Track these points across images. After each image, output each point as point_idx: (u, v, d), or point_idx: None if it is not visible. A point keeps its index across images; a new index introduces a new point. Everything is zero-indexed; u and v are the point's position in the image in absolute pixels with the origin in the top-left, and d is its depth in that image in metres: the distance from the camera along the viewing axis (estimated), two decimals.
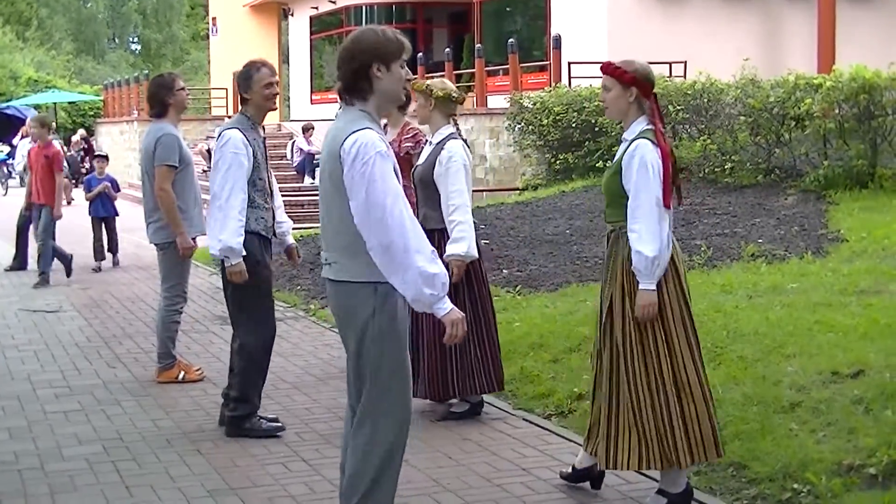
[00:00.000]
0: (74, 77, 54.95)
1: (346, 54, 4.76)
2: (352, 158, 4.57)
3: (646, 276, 5.37)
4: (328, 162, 4.72)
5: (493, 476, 6.23)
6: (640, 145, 5.42)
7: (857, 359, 7.05)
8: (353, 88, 4.76)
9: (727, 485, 5.94)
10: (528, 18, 27.64)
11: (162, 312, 8.62)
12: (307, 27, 37.40)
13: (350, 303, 4.75)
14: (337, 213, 4.71)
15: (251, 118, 7.20)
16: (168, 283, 8.66)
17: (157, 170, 8.34)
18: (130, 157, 33.34)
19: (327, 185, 4.74)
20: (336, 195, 4.68)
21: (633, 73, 5.52)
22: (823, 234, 11.72)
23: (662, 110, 16.61)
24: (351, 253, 4.69)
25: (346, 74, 4.75)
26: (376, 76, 4.71)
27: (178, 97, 8.56)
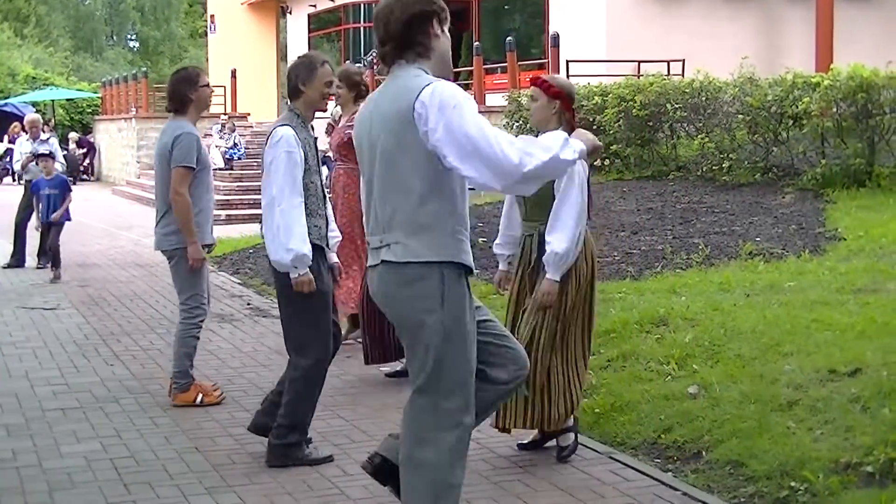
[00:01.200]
0: (72, 74, 54.85)
1: (396, 4, 4.29)
2: (437, 106, 4.12)
3: (555, 270, 6.06)
4: (389, 122, 4.24)
5: (491, 475, 6.23)
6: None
7: (855, 357, 7.06)
8: (409, 44, 4.29)
9: (724, 483, 5.95)
10: (526, 16, 27.65)
11: (180, 327, 7.88)
12: (305, 25, 37.39)
13: (412, 293, 4.29)
14: (401, 184, 4.25)
15: (301, 115, 6.48)
16: (185, 294, 7.84)
17: (173, 172, 7.61)
18: (128, 154, 33.34)
19: (389, 150, 4.27)
20: (403, 159, 4.23)
21: (558, 87, 6.21)
22: (821, 233, 11.73)
23: (661, 108, 16.62)
24: (420, 227, 4.26)
25: (403, 26, 4.27)
26: (436, 34, 4.33)
27: (201, 94, 7.79)
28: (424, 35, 4.30)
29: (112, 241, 19.02)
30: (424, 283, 4.26)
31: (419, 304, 4.28)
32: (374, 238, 4.40)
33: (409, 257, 4.26)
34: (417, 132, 4.18)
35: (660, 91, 16.61)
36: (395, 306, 4.38)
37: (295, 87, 6.46)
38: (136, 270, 15.07)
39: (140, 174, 31.17)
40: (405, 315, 4.34)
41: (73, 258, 16.12)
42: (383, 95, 4.36)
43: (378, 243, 4.37)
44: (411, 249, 4.26)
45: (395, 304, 4.36)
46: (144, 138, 31.56)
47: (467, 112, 4.12)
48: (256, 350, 9.66)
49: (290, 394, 6.44)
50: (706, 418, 6.66)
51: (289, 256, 6.13)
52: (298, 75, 6.44)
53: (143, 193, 27.78)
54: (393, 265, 4.30)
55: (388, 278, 4.33)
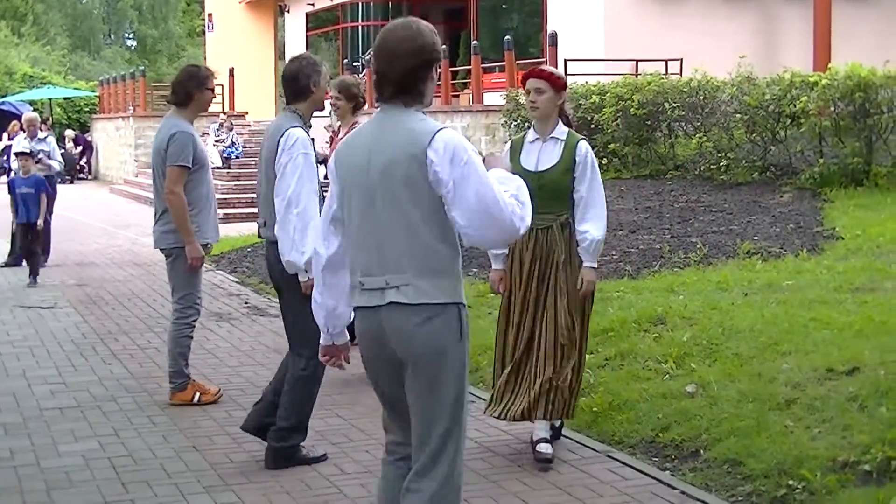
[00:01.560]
0: (70, 73, 54.82)
1: (403, 48, 4.23)
2: (449, 159, 4.07)
3: (594, 256, 6.32)
4: (399, 166, 4.13)
5: (489, 473, 6.24)
6: (589, 148, 6.40)
7: (852, 356, 7.07)
8: (410, 90, 4.24)
9: (722, 481, 5.96)
10: (524, 15, 27.64)
11: (173, 326, 7.86)
12: (303, 24, 37.36)
13: (432, 328, 4.15)
14: (410, 226, 4.15)
15: (303, 117, 6.45)
16: (179, 293, 7.85)
17: (168, 170, 7.57)
18: (126, 153, 33.31)
19: (397, 192, 4.15)
20: (413, 206, 4.14)
21: (564, 80, 6.37)
22: (819, 232, 11.73)
23: (659, 107, 16.58)
24: (428, 271, 4.17)
25: (408, 72, 4.22)
26: (432, 79, 4.30)
27: (205, 95, 7.76)
28: (424, 82, 4.26)
29: (110, 239, 19.02)
30: (443, 318, 4.17)
31: (441, 336, 4.17)
32: (376, 279, 4.21)
33: (422, 299, 4.15)
34: (428, 178, 4.11)
35: (658, 90, 16.60)
36: (414, 340, 4.17)
37: (305, 87, 6.40)
38: (133, 269, 15.07)
39: (138, 173, 31.15)
40: (426, 345, 4.16)
41: (70, 257, 16.14)
42: (385, 133, 4.23)
43: (383, 284, 4.19)
44: (424, 291, 4.15)
45: (415, 338, 4.16)
46: (142, 137, 31.53)
47: (478, 168, 4.10)
48: (254, 349, 9.66)
49: (294, 394, 6.40)
50: (704, 417, 6.66)
51: (303, 259, 6.06)
52: (310, 76, 6.39)
53: (141, 192, 27.76)
54: (405, 306, 4.15)
55: (400, 317, 4.16)
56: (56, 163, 15.74)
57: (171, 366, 7.89)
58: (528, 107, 6.48)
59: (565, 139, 6.36)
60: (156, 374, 8.73)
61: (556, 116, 6.40)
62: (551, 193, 6.26)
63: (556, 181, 6.31)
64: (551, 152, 6.37)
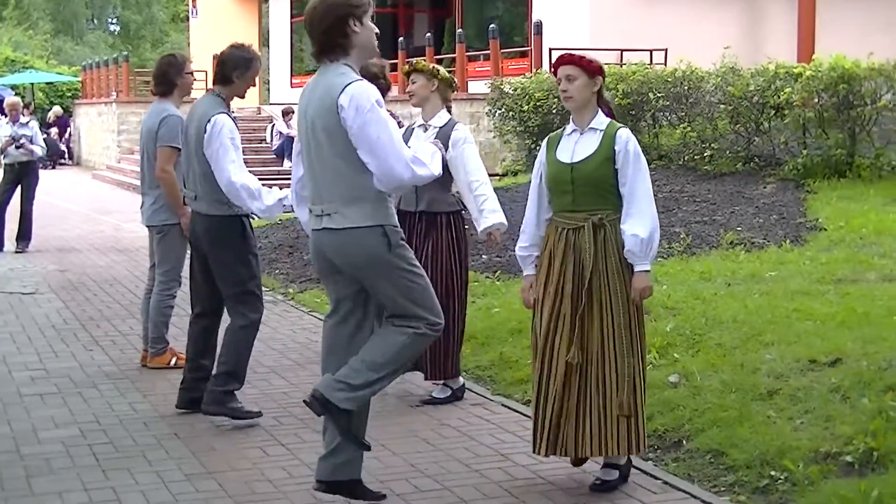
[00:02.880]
0: (52, 58, 54.51)
1: (317, 14, 4.98)
2: (353, 111, 4.89)
3: (645, 258, 5.58)
4: (321, 116, 4.96)
5: (472, 461, 6.23)
6: (631, 136, 5.67)
7: (835, 347, 7.07)
8: (331, 46, 5.00)
9: (705, 472, 5.96)
10: (509, 4, 27.59)
11: (156, 296, 8.52)
12: (288, 10, 37.21)
13: (359, 247, 5.00)
14: (332, 164, 4.99)
15: (226, 100, 7.15)
16: (164, 266, 8.51)
17: (159, 151, 8.20)
18: (108, 139, 33.15)
19: (321, 137, 4.99)
20: (332, 147, 4.97)
21: (598, 64, 5.73)
22: (802, 223, 11.76)
23: (643, 97, 16.49)
24: (352, 199, 4.99)
25: (322, 34, 4.98)
26: (353, 31, 4.99)
27: (186, 80, 8.45)
28: (343, 36, 4.99)
29: (92, 225, 18.92)
30: (368, 237, 5.01)
31: (368, 249, 5.01)
32: (316, 206, 5.12)
33: (347, 224, 5.00)
34: (341, 124, 4.92)
35: (642, 80, 16.59)
36: (347, 254, 5.05)
37: (228, 77, 7.07)
38: (115, 255, 15.01)
39: (120, 159, 31.01)
40: (360, 255, 5.02)
41: (52, 242, 16.07)
42: (315, 89, 5.05)
43: (319, 211, 5.08)
44: (349, 218, 5.00)
45: (347, 254, 5.04)
46: (125, 123, 31.40)
47: (379, 115, 4.91)
48: None
49: (235, 343, 6.98)
50: (687, 407, 6.66)
51: (273, 211, 6.88)
52: (236, 68, 7.07)
53: (124, 178, 27.66)
54: (334, 231, 5.03)
55: (334, 239, 5.05)
56: (38, 148, 15.66)
57: (152, 332, 8.51)
58: (561, 97, 5.73)
59: (605, 129, 5.65)
60: (138, 360, 8.69)
61: (595, 105, 5.71)
62: (586, 187, 5.59)
63: (592, 173, 5.58)
64: (588, 143, 5.66)
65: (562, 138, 5.79)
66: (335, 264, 5.15)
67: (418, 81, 7.34)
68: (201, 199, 7.05)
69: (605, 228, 5.58)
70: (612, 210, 5.61)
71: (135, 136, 30.52)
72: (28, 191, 15.41)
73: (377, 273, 5.07)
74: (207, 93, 7.28)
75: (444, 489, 5.81)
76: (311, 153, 5.10)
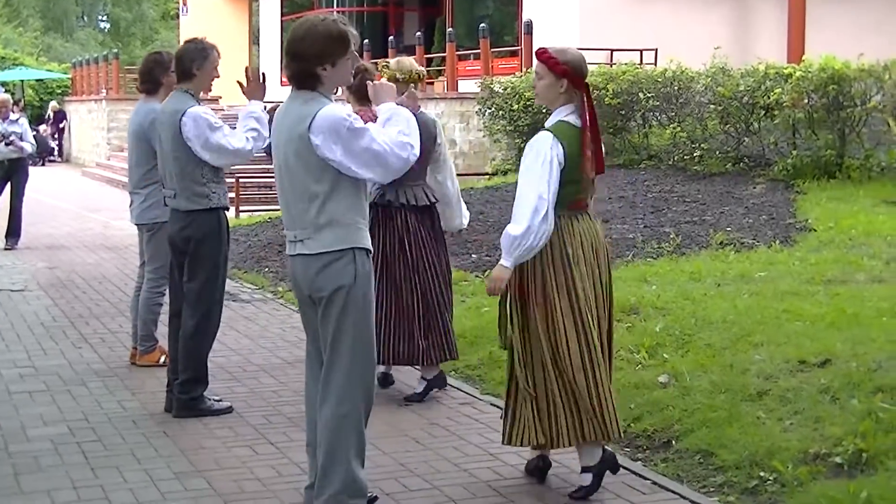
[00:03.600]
0: (42, 54, 54.43)
1: (292, 52, 5.05)
2: (331, 135, 4.90)
3: (506, 254, 5.46)
4: (292, 143, 5.00)
5: (461, 461, 6.23)
6: (533, 141, 5.59)
7: (824, 348, 7.08)
8: (302, 81, 5.06)
9: (694, 472, 5.96)
10: (499, 3, 27.59)
11: (145, 294, 8.52)
12: (278, 8, 37.18)
13: (330, 272, 5.01)
14: (305, 190, 5.01)
15: (195, 97, 7.27)
16: (154, 264, 8.49)
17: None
18: (98, 136, 33.09)
19: (293, 164, 5.03)
20: (305, 173, 5.00)
21: (564, 64, 5.59)
22: (791, 224, 11.77)
23: (633, 97, 16.43)
24: (322, 225, 5.00)
25: (295, 70, 5.05)
26: (322, 74, 5.02)
27: (172, 78, 8.17)
28: (313, 78, 5.04)
29: (81, 223, 18.88)
30: (340, 262, 5.02)
31: (338, 277, 5.01)
32: (290, 232, 5.14)
33: (319, 249, 5.02)
34: (313, 151, 4.93)
35: (632, 80, 16.60)
36: (315, 283, 5.05)
37: (188, 70, 7.17)
38: (105, 253, 14.97)
39: (110, 156, 30.96)
40: (324, 286, 5.03)
41: (41, 240, 16.03)
42: (286, 116, 5.11)
43: (293, 237, 5.11)
44: (321, 242, 5.01)
45: (316, 281, 5.04)
46: (115, 120, 31.33)
47: (359, 130, 4.93)
48: (224, 334, 9.55)
49: (190, 351, 7.13)
50: (676, 407, 6.66)
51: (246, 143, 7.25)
52: (194, 59, 7.17)
53: (114, 175, 27.60)
54: (308, 256, 5.05)
55: (305, 265, 5.07)
56: (28, 145, 15.61)
57: (141, 329, 8.51)
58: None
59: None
60: (127, 358, 8.68)
61: (560, 105, 5.63)
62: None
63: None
64: None
65: None
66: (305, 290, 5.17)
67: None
68: (179, 196, 7.12)
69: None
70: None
71: (124, 134, 30.22)
72: (17, 188, 15.36)
73: (339, 301, 5.04)
74: (174, 91, 7.35)
75: (433, 488, 5.81)
76: (283, 180, 5.13)
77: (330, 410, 5.10)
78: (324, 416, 5.12)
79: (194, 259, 7.10)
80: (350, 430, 5.10)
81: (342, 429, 5.08)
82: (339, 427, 5.08)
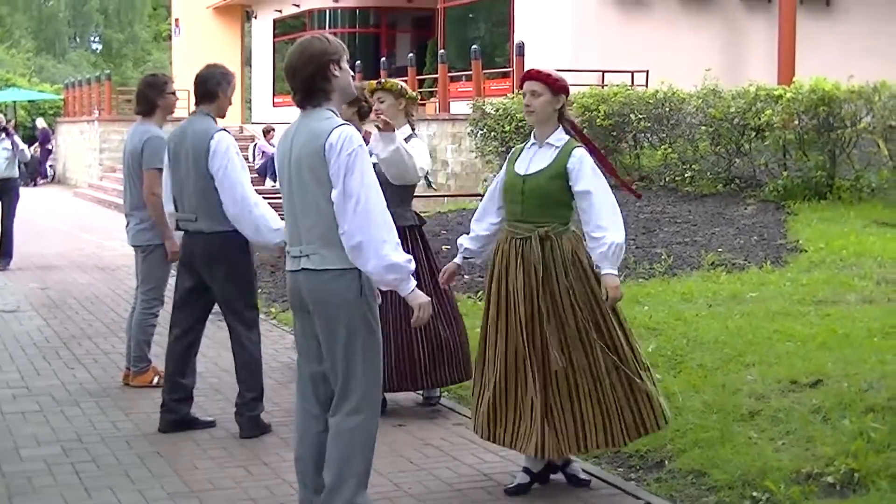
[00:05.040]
0: (35, 76, 54.45)
1: (298, 62, 5.10)
2: (337, 151, 4.93)
3: (613, 263, 5.77)
4: (307, 158, 5.00)
5: (455, 481, 6.24)
6: (585, 154, 5.84)
7: (816, 368, 7.12)
8: (314, 91, 5.10)
9: (686, 492, 5.98)
10: (491, 25, 27.69)
11: (139, 315, 8.53)
12: (270, 30, 37.31)
13: (334, 289, 5.02)
14: (316, 206, 5.01)
15: (214, 119, 7.22)
16: (147, 285, 8.53)
17: (146, 174, 8.18)
18: (90, 157, 33.10)
19: (306, 178, 5.02)
20: (317, 188, 4.99)
21: (561, 82, 5.87)
22: (782, 244, 11.82)
23: (625, 118, 16.49)
24: (331, 242, 4.99)
25: (305, 80, 5.08)
26: (334, 75, 5.10)
27: (168, 100, 8.47)
28: (325, 81, 5.09)
29: (73, 243, 18.86)
30: (344, 279, 5.03)
31: (341, 293, 5.03)
32: (294, 248, 5.15)
33: (325, 265, 5.03)
34: (328, 167, 4.96)
35: (624, 101, 16.67)
36: (320, 297, 5.06)
37: (213, 91, 7.14)
38: (97, 273, 14.97)
39: (102, 177, 30.96)
40: (329, 301, 5.04)
41: (33, 260, 16.02)
42: (298, 133, 5.11)
43: (297, 252, 5.11)
44: (327, 259, 5.03)
45: (321, 295, 5.05)
46: (107, 141, 31.36)
47: (358, 162, 4.94)
48: (219, 354, 9.59)
49: (251, 365, 7.16)
50: (669, 428, 6.65)
51: (279, 235, 6.66)
52: (220, 83, 7.16)
53: (106, 196, 27.60)
54: (313, 272, 5.06)
55: (311, 280, 5.07)
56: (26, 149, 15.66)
57: (134, 350, 8.53)
58: (524, 111, 5.99)
59: (561, 146, 5.84)
60: (120, 378, 8.68)
61: (556, 122, 5.91)
62: (535, 199, 5.80)
63: (541, 186, 5.80)
64: (543, 157, 5.87)
65: (523, 150, 6.05)
66: (307, 305, 5.16)
67: (387, 101, 7.57)
68: (202, 219, 7.02)
69: (551, 240, 5.79)
70: (559, 223, 5.83)
71: (116, 155, 30.45)
72: (9, 208, 15.36)
73: (343, 317, 5.04)
74: (196, 112, 7.23)
75: None
76: (293, 196, 5.12)
77: (342, 424, 5.09)
78: (334, 429, 5.11)
79: (221, 281, 7.10)
80: (361, 444, 5.11)
81: (357, 443, 5.09)
82: (355, 442, 5.09)
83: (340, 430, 5.07)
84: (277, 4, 35.90)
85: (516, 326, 5.81)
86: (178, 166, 7.14)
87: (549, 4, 23.76)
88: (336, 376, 5.11)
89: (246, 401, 7.15)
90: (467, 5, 27.66)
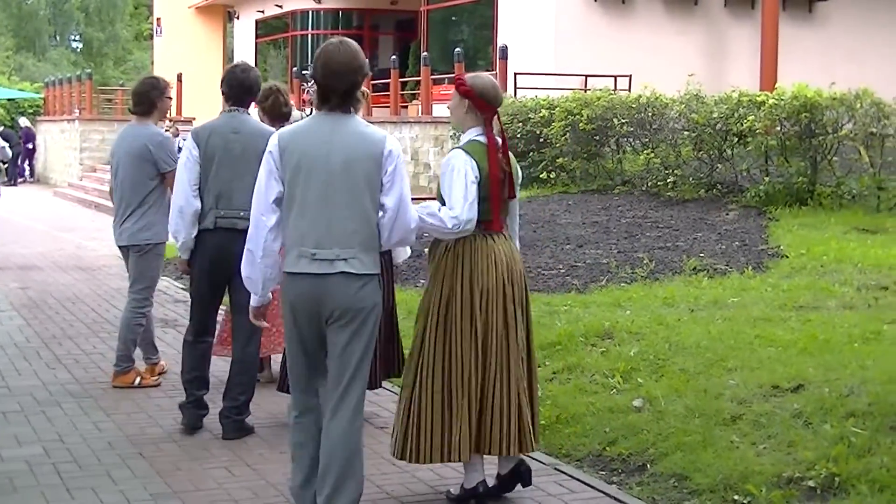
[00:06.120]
0: (14, 74, 54.24)
1: (350, 67, 5.13)
2: (395, 159, 5.14)
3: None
4: (363, 162, 5.09)
5: (437, 483, 6.25)
6: (454, 154, 5.78)
7: (797, 373, 7.15)
8: (352, 100, 5.19)
9: (668, 496, 6.00)
10: (474, 28, 27.73)
11: (128, 314, 8.52)
12: (253, 30, 37.29)
13: (369, 293, 5.14)
14: (362, 211, 5.11)
15: None
16: (139, 285, 8.52)
17: (170, 175, 8.05)
18: (71, 156, 32.99)
19: (358, 183, 5.09)
20: (368, 193, 5.11)
21: (470, 87, 5.85)
22: (764, 250, 11.86)
23: (607, 123, 16.50)
24: (370, 247, 5.15)
25: (353, 85, 5.15)
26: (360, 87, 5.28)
27: (165, 104, 8.60)
28: (359, 91, 5.25)
29: (54, 243, 18.79)
30: (373, 283, 5.19)
31: (372, 296, 5.17)
32: (327, 251, 5.09)
33: (364, 270, 5.13)
34: (381, 173, 5.13)
35: (607, 106, 16.72)
36: (354, 300, 5.10)
37: (254, 92, 7.32)
38: (78, 274, 14.92)
39: (82, 176, 30.85)
40: (363, 303, 5.12)
41: (13, 260, 15.97)
42: (340, 134, 5.13)
43: (333, 256, 5.09)
44: (365, 265, 5.14)
45: (355, 298, 5.10)
46: (88, 140, 31.25)
47: (404, 173, 5.20)
48: None
49: (251, 369, 7.25)
50: (651, 431, 6.70)
51: None
52: (257, 84, 7.31)
53: (86, 196, 27.51)
54: (352, 275, 5.09)
55: (347, 283, 5.09)
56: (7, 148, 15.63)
57: (119, 349, 8.51)
58: None
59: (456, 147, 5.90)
60: (101, 379, 8.66)
61: (469, 126, 5.88)
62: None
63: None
64: None
65: None
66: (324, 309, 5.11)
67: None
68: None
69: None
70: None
71: (97, 154, 30.42)
72: None
73: (371, 321, 5.19)
74: (233, 111, 7.24)
75: None
76: (328, 197, 5.07)
77: (349, 424, 5.16)
78: (340, 430, 5.15)
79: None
80: (361, 443, 5.25)
81: (359, 442, 5.21)
82: (358, 441, 5.20)
83: (348, 431, 5.15)
84: (260, 5, 35.89)
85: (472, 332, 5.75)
86: (227, 163, 7.10)
87: (533, 8, 23.81)
88: (341, 379, 5.16)
89: (238, 404, 7.17)
90: (450, 8, 27.69)
